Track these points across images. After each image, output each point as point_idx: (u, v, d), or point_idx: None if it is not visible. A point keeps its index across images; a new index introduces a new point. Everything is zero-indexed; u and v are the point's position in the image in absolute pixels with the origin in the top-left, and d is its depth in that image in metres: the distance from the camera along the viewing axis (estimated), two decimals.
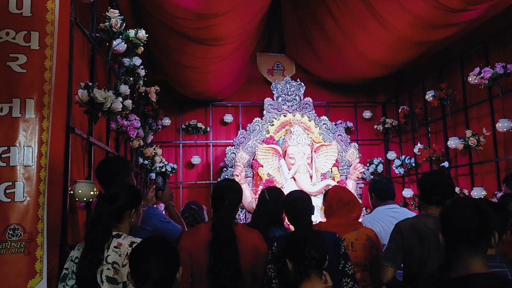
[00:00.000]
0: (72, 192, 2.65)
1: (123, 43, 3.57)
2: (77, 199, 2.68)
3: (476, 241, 1.49)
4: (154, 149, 4.95)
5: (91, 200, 2.77)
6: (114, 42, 3.47)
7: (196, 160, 7.33)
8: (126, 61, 4.06)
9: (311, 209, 2.60)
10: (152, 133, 4.24)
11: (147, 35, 3.70)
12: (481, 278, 1.45)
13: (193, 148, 7.58)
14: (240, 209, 5.68)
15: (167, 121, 7.33)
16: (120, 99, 2.98)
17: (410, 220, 2.56)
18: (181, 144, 7.45)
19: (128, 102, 3.02)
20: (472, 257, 1.49)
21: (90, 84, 2.73)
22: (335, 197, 3.00)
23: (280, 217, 2.95)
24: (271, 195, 2.99)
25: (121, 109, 2.75)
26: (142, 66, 4.32)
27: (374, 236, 2.85)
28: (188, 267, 2.35)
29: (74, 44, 2.74)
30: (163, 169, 6.82)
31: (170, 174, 7.23)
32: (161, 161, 5.12)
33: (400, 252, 2.49)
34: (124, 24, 3.40)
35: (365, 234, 2.82)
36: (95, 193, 2.73)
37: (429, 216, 2.48)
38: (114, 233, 2.09)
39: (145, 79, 4.39)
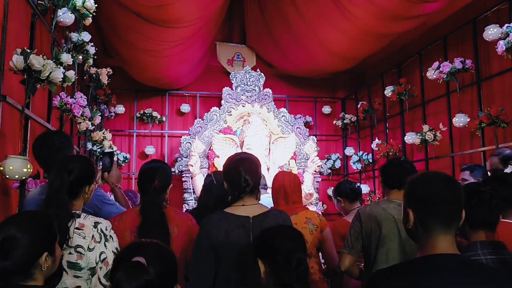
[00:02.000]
0: (1, 168, 2.37)
1: (69, 13, 3.28)
2: (7, 176, 2.40)
3: (448, 217, 1.35)
4: (103, 133, 4.66)
5: (24, 178, 2.50)
6: (59, 11, 3.18)
7: (150, 150, 7.04)
8: (74, 36, 3.78)
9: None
10: (99, 113, 3.96)
11: (96, 5, 3.43)
12: (446, 258, 1.30)
13: (148, 138, 7.28)
14: (193, 200, 5.48)
15: (121, 109, 6.99)
16: (62, 69, 2.72)
17: (369, 206, 2.57)
18: (135, 133, 7.13)
19: (71, 73, 2.75)
20: (441, 235, 1.33)
21: (28, 50, 2.46)
22: (275, 183, 2.93)
23: (227, 200, 2.81)
24: (218, 178, 2.85)
25: (62, 80, 2.49)
26: (92, 43, 4.04)
27: (316, 218, 2.74)
28: None
29: (9, 6, 2.46)
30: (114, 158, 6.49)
31: (123, 164, 6.90)
32: (110, 147, 4.82)
33: (359, 239, 2.46)
34: None
35: (304, 217, 2.72)
36: (29, 170, 2.46)
37: (390, 202, 2.46)
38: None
39: (95, 57, 4.10)
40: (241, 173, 2.05)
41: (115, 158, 6.41)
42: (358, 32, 5.09)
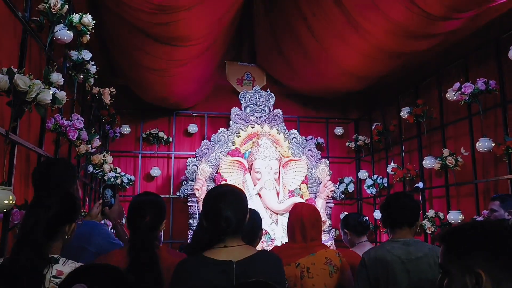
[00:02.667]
0: None
1: (66, 30, 3.08)
2: None
3: None
4: (103, 156, 4.42)
5: (5, 210, 2.25)
6: (56, 28, 2.98)
7: (155, 172, 6.80)
8: (74, 54, 3.57)
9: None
10: (98, 136, 3.73)
11: (94, 21, 3.22)
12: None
13: (154, 160, 7.05)
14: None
15: (126, 129, 6.79)
16: (54, 89, 2.49)
17: (373, 249, 2.39)
18: (140, 154, 6.91)
19: (62, 94, 2.52)
20: None
21: (15, 70, 2.23)
22: (291, 215, 2.65)
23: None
24: None
25: (50, 101, 2.26)
26: (93, 62, 3.84)
27: (337, 259, 2.45)
28: None
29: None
30: (118, 180, 6.25)
31: (127, 186, 6.66)
32: (111, 170, 4.59)
33: (366, 285, 2.26)
34: (67, 7, 2.92)
35: (324, 256, 2.43)
36: (11, 202, 2.21)
37: (394, 242, 2.31)
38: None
39: (96, 76, 3.89)
40: (221, 210, 1.76)
41: (118, 181, 6.19)
42: (372, 49, 4.84)
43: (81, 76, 3.80)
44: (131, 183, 6.65)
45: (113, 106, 6.30)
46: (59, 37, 3.14)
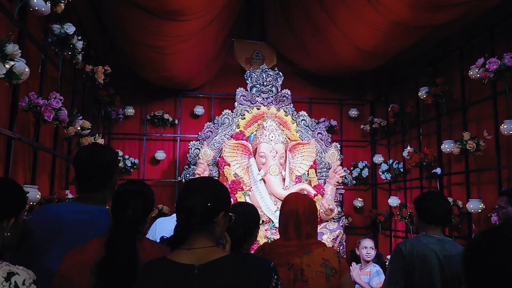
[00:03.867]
0: None
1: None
2: None
3: None
4: (94, 138, 4.16)
5: None
6: None
7: (160, 155, 6.55)
8: (56, 28, 3.29)
9: None
10: (80, 117, 3.46)
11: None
12: None
13: (159, 142, 6.80)
14: None
15: (130, 111, 6.54)
16: (17, 62, 2.21)
17: (409, 241, 2.50)
18: (144, 137, 6.66)
19: (20, 67, 2.22)
20: None
21: None
22: (284, 207, 2.34)
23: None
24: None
25: (4, 76, 1.97)
26: (79, 37, 3.55)
27: (335, 260, 2.13)
28: None
29: None
30: (120, 163, 6.03)
31: (131, 170, 6.44)
32: None
33: (403, 274, 2.40)
34: None
35: (321, 257, 2.11)
36: None
37: (429, 237, 2.46)
38: None
39: (82, 52, 3.60)
40: (183, 201, 1.52)
41: (121, 164, 5.96)
42: (388, 24, 4.42)
43: (69, 52, 3.53)
44: (135, 166, 6.42)
45: (114, 86, 6.08)
46: (36, 8, 2.85)
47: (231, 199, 1.74)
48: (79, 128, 3.86)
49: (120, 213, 1.73)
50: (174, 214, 2.16)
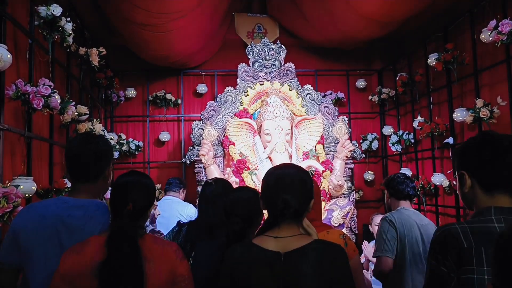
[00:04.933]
0: None
1: None
2: None
3: None
4: (92, 123, 4.04)
5: None
6: None
7: (165, 136, 6.44)
8: (42, 10, 3.13)
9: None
10: (73, 103, 3.33)
11: None
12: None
13: (163, 123, 6.68)
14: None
15: (131, 92, 6.41)
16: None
17: (395, 213, 2.83)
18: (148, 119, 6.54)
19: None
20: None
21: None
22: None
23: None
24: (219, 187, 2.48)
25: None
26: (68, 18, 3.39)
27: (342, 242, 2.04)
28: None
29: None
30: (124, 147, 5.94)
31: (136, 153, 6.35)
32: (112, 138, 4.19)
33: (396, 243, 2.71)
34: None
35: (339, 235, 2.04)
36: None
37: (407, 210, 2.87)
38: None
39: (72, 34, 3.44)
40: (279, 191, 1.57)
41: (125, 148, 5.86)
42: None
43: (57, 35, 3.37)
44: (139, 149, 6.33)
45: (114, 68, 5.94)
46: None
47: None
48: (76, 114, 3.75)
49: (120, 207, 1.63)
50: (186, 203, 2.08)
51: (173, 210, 4.25)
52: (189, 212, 4.28)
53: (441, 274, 1.35)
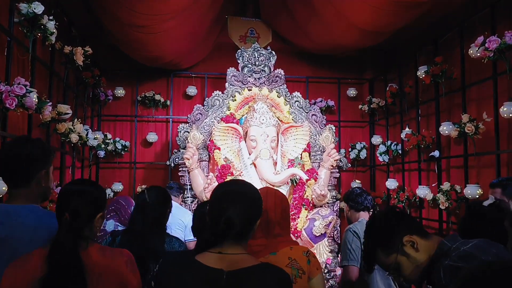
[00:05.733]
0: None
1: None
2: None
3: None
4: (73, 123, 3.99)
5: None
6: None
7: (152, 137, 6.39)
8: (23, 7, 3.09)
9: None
10: (49, 103, 3.27)
11: None
12: None
13: (151, 124, 6.63)
14: (191, 197, 4.76)
15: (120, 92, 6.36)
16: None
17: (357, 225, 2.95)
18: (136, 119, 6.49)
19: None
20: None
21: None
22: None
23: (164, 223, 2.42)
24: (152, 196, 2.40)
25: None
26: (50, 17, 3.34)
27: (304, 260, 1.97)
28: None
29: None
30: (109, 146, 5.89)
31: (123, 153, 6.29)
32: (79, 140, 4.14)
33: (360, 252, 2.77)
34: None
35: (288, 256, 1.95)
36: None
37: (362, 221, 2.95)
38: None
39: (54, 31, 3.40)
40: (222, 210, 1.48)
41: (110, 147, 5.81)
42: (384, 0, 4.16)
43: (38, 34, 3.33)
44: (126, 149, 6.28)
45: (103, 67, 5.89)
46: None
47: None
48: (56, 113, 3.70)
49: (60, 216, 1.57)
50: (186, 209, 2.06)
51: (174, 216, 4.09)
52: (189, 219, 4.08)
53: None
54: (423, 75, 4.91)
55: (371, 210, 3.18)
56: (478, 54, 3.85)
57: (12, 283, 1.48)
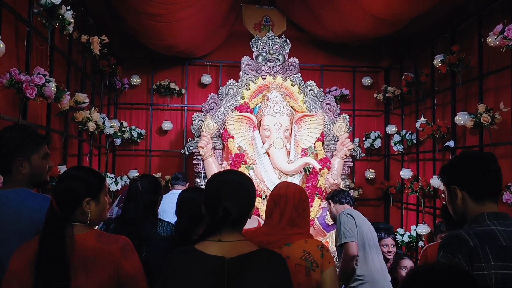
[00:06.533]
0: None
1: None
2: None
3: None
4: (90, 112, 4.06)
5: None
6: None
7: (167, 125, 6.45)
8: None
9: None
10: (67, 92, 3.33)
11: None
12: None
13: (166, 112, 6.69)
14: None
15: (136, 80, 6.42)
16: None
17: (349, 210, 3.37)
18: (151, 107, 6.55)
19: None
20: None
21: None
22: (274, 191, 2.21)
23: (156, 209, 2.49)
24: (144, 185, 2.45)
25: None
26: (68, 7, 3.39)
27: (318, 253, 2.00)
28: None
29: None
30: (125, 134, 5.96)
31: (138, 141, 6.37)
32: (96, 128, 4.21)
33: (356, 230, 3.14)
34: None
35: (302, 249, 1.98)
36: None
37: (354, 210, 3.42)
38: None
39: (72, 21, 3.44)
40: (220, 198, 1.55)
41: (126, 135, 5.88)
42: None
43: (57, 24, 3.38)
44: (141, 137, 6.35)
45: (119, 56, 5.95)
46: None
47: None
48: (74, 102, 3.77)
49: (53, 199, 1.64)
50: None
51: None
52: None
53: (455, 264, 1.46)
54: (439, 64, 4.85)
55: (353, 204, 3.63)
56: (497, 43, 3.78)
57: (18, 263, 1.57)
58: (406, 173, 5.91)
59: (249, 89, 5.11)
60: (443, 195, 3.01)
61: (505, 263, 1.45)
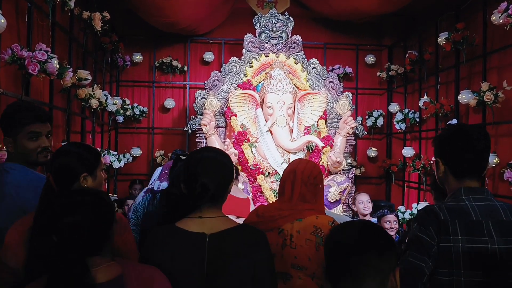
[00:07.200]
0: None
1: None
2: None
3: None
4: (93, 89, 4.06)
5: None
6: None
7: (170, 103, 6.45)
8: None
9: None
10: (70, 69, 3.33)
11: None
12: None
13: (169, 90, 6.68)
14: None
15: (138, 57, 6.39)
16: None
17: None
18: (153, 84, 6.54)
19: None
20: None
21: None
22: (286, 168, 2.22)
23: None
24: None
25: None
26: None
27: (329, 229, 2.02)
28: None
29: None
30: (127, 112, 5.96)
31: (141, 118, 6.38)
32: (99, 105, 4.22)
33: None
34: None
35: (313, 225, 2.01)
36: None
37: None
38: None
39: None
40: (197, 175, 1.56)
41: (128, 113, 5.88)
42: None
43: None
44: (144, 114, 6.36)
45: (121, 32, 5.91)
46: None
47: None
48: (76, 79, 3.77)
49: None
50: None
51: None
52: None
53: (423, 238, 1.54)
54: (444, 42, 4.81)
55: None
56: (501, 21, 3.75)
57: (12, 238, 1.60)
58: (408, 152, 5.92)
59: (252, 66, 5.09)
60: (431, 161, 3.00)
61: (472, 237, 1.52)
